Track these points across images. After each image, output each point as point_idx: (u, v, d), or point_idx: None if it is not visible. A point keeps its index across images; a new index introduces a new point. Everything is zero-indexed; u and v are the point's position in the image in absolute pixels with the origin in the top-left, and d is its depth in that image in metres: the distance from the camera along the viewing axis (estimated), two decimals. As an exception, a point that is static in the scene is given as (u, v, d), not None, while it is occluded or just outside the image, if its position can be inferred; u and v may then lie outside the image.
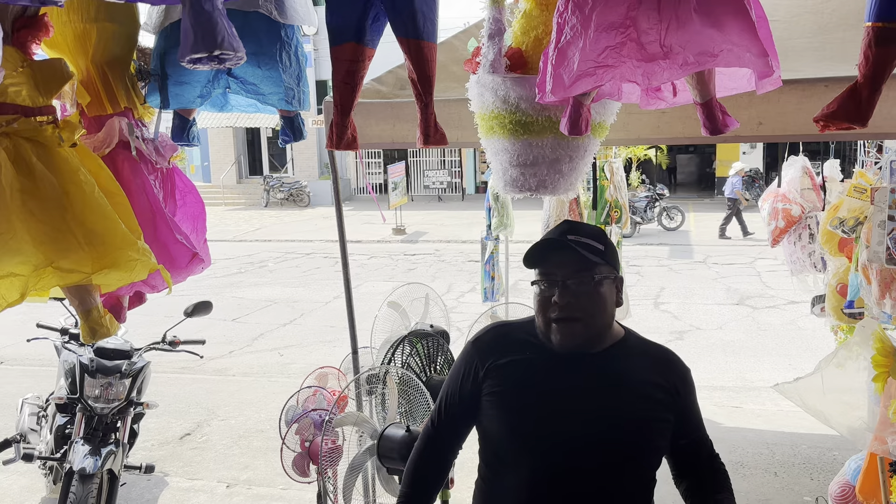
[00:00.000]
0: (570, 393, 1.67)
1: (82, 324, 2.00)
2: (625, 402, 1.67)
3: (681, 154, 25.05)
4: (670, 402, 1.72)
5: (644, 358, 1.77)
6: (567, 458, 1.64)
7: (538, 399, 1.67)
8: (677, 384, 1.75)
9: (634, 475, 1.70)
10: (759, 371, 6.86)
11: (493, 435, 1.74)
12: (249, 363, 7.71)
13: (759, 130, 2.76)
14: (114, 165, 2.12)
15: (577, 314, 1.66)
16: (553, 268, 1.70)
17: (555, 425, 1.65)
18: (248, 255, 14.87)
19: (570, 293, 1.66)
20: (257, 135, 25.46)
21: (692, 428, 1.81)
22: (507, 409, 1.70)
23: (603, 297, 1.70)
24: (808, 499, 4.25)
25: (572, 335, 1.67)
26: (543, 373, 1.70)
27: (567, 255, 1.68)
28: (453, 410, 1.82)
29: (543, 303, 1.70)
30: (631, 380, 1.70)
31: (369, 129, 3.24)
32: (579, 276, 1.67)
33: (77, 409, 3.76)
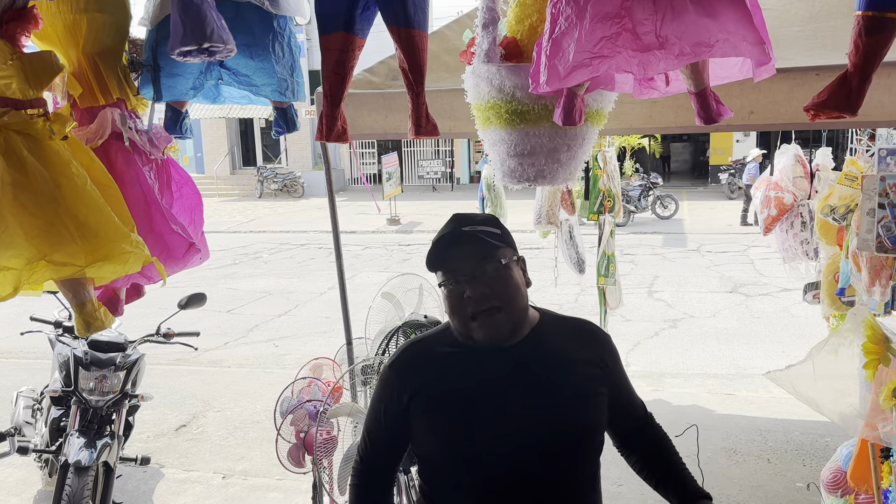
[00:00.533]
0: (503, 391, 1.61)
1: (77, 317, 1.99)
2: (560, 386, 1.63)
3: (675, 143, 25.07)
4: (601, 374, 1.70)
5: (566, 336, 1.73)
6: (513, 457, 1.58)
7: (472, 407, 1.60)
8: (604, 356, 1.73)
9: (582, 459, 1.66)
10: (752, 358, 6.90)
11: (433, 455, 1.68)
12: (244, 354, 7.71)
13: (751, 119, 2.77)
14: (107, 157, 2.11)
15: (496, 303, 1.60)
16: (457, 263, 1.62)
17: (495, 429, 1.59)
18: (242, 247, 14.84)
19: (483, 283, 1.60)
20: (250, 125, 25.37)
21: (626, 395, 1.81)
22: (443, 427, 1.62)
23: (515, 279, 1.65)
24: (801, 485, 4.29)
25: (496, 326, 1.61)
26: (470, 378, 1.63)
27: (468, 246, 1.62)
28: (382, 440, 1.74)
29: (456, 302, 1.62)
30: (560, 361, 1.66)
31: (361, 119, 3.24)
32: (486, 264, 1.61)
33: (72, 401, 3.76)
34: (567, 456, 1.62)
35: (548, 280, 9.71)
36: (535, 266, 10.92)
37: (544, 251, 11.81)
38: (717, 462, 4.61)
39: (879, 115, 2.58)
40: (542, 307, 1.80)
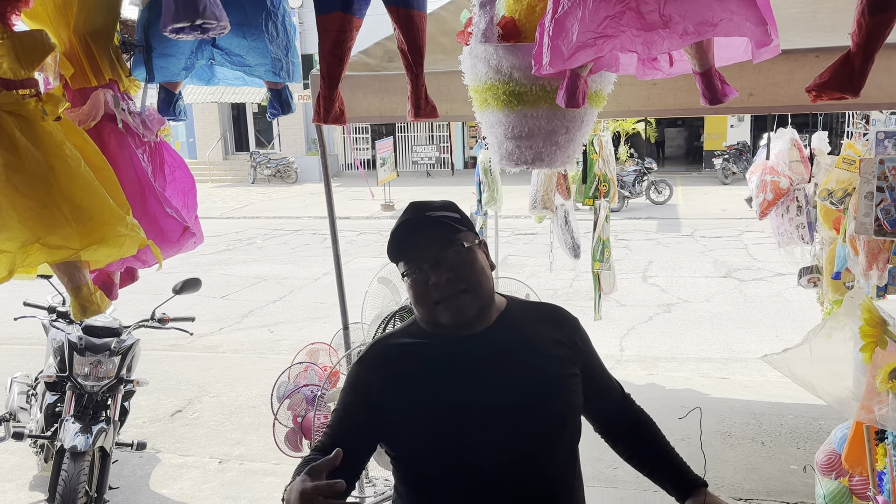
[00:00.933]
0: (476, 379, 1.57)
1: (72, 301, 1.97)
2: (533, 370, 1.60)
3: (669, 128, 25.04)
4: (573, 355, 1.67)
5: (535, 319, 1.71)
6: (491, 444, 1.54)
7: (446, 401, 1.56)
8: (573, 337, 1.71)
9: (561, 442, 1.62)
10: (745, 342, 6.93)
11: (408, 451, 1.61)
12: (239, 340, 7.70)
13: (750, 101, 2.75)
14: (100, 139, 2.08)
15: (462, 286, 1.57)
16: (420, 250, 1.58)
17: (472, 418, 1.54)
18: (235, 232, 14.79)
19: (447, 268, 1.56)
20: (243, 110, 25.20)
21: (600, 376, 1.79)
22: (417, 422, 1.57)
23: (480, 263, 1.62)
24: (795, 467, 4.32)
25: (462, 308, 1.57)
26: (442, 371, 1.59)
27: (429, 232, 1.59)
28: (348, 438, 1.61)
29: (421, 290, 1.58)
30: (532, 345, 1.64)
31: (357, 102, 3.20)
32: (449, 249, 1.58)
33: (67, 387, 3.75)
34: (546, 440, 1.59)
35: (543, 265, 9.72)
36: (530, 251, 11.01)
37: (539, 236, 11.82)
38: (712, 445, 4.63)
39: (879, 97, 2.56)
40: (509, 294, 1.78)
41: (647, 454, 1.80)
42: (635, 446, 1.83)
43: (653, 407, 1.91)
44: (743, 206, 14.41)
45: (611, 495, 4.02)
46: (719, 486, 4.13)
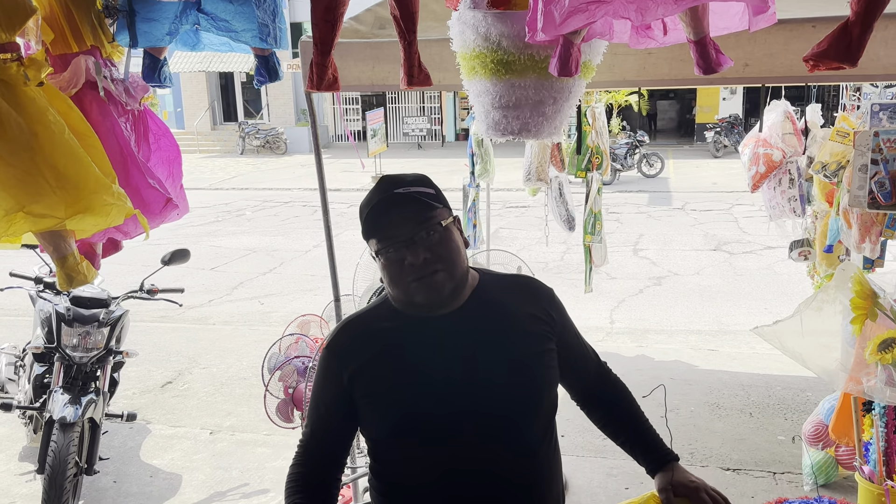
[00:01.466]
0: (450, 358, 1.54)
1: (58, 271, 1.94)
2: (508, 345, 1.58)
3: (661, 100, 24.96)
4: (549, 330, 1.65)
5: (509, 293, 1.67)
6: (469, 423, 1.53)
7: (421, 379, 1.54)
8: (548, 309, 1.68)
9: (538, 418, 1.61)
10: (735, 315, 6.97)
11: (384, 434, 1.60)
12: (229, 312, 7.68)
13: (746, 72, 2.72)
14: (81, 106, 2.02)
15: (438, 266, 1.53)
16: (394, 229, 1.52)
17: (447, 397, 1.53)
18: (224, 204, 14.70)
19: (423, 248, 1.51)
20: (231, 79, 24.92)
21: (576, 347, 1.77)
22: (392, 404, 1.55)
23: (455, 241, 1.57)
24: (783, 438, 4.36)
25: (436, 286, 1.53)
26: (415, 350, 1.57)
27: (405, 210, 1.53)
28: (326, 427, 1.64)
29: (396, 270, 1.53)
30: (506, 320, 1.61)
31: (348, 70, 3.14)
32: (426, 227, 1.53)
33: (55, 358, 3.73)
34: (523, 416, 1.57)
35: (535, 238, 9.73)
36: (522, 224, 11.00)
37: (530, 210, 11.81)
38: (700, 416, 4.68)
39: (875, 68, 2.53)
40: (481, 267, 1.74)
41: (621, 425, 1.80)
42: (609, 416, 1.82)
43: (642, 378, 1.91)
44: (734, 179, 14.44)
45: (600, 465, 4.05)
46: (707, 456, 4.17)
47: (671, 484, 1.62)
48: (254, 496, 3.94)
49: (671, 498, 1.59)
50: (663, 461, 1.69)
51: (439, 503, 1.57)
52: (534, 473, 1.60)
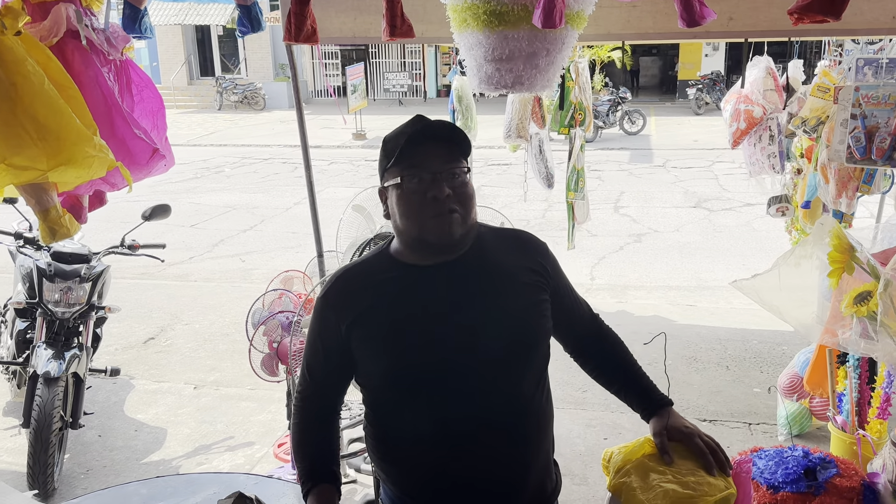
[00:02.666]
0: (448, 307, 1.56)
1: (41, 224, 1.92)
2: (505, 296, 1.60)
3: (644, 57, 24.82)
4: (543, 281, 1.67)
5: (505, 246, 1.69)
6: (465, 372, 1.55)
7: (416, 327, 1.55)
8: (542, 262, 1.70)
9: (532, 368, 1.63)
10: (713, 271, 7.07)
11: (382, 381, 1.61)
12: (211, 269, 7.65)
13: (730, 26, 2.73)
14: (63, 56, 1.98)
15: (457, 207, 1.53)
16: (425, 159, 1.52)
17: (445, 345, 1.55)
18: (203, 160, 14.51)
19: (448, 185, 1.52)
20: (207, 33, 24.36)
21: (569, 299, 1.79)
22: (390, 352, 1.56)
23: (473, 190, 1.59)
24: (758, 390, 4.47)
25: (452, 227, 1.52)
26: (411, 299, 1.57)
27: (439, 146, 1.54)
28: (323, 375, 1.67)
29: (416, 201, 1.52)
30: (502, 272, 1.63)
31: (329, 21, 3.10)
32: (453, 166, 1.54)
33: (37, 313, 3.71)
34: (518, 366, 1.60)
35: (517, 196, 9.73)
36: (503, 182, 10.99)
37: (512, 167, 11.79)
38: (679, 369, 4.77)
39: (859, 22, 2.55)
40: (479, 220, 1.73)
41: (615, 373, 1.83)
42: (604, 365, 1.85)
43: (622, 332, 1.93)
44: (715, 136, 14.47)
45: (580, 417, 4.14)
46: (685, 407, 4.26)
47: (666, 429, 1.65)
48: (239, 449, 3.98)
49: (665, 442, 1.62)
50: (658, 406, 1.72)
51: (432, 450, 1.59)
52: (527, 422, 1.63)
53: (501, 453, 1.59)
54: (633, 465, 1.60)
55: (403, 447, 1.64)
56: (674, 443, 1.62)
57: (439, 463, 1.59)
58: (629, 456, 1.62)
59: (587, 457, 3.75)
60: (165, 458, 3.92)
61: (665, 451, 1.60)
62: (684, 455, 1.60)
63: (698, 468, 1.56)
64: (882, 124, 2.74)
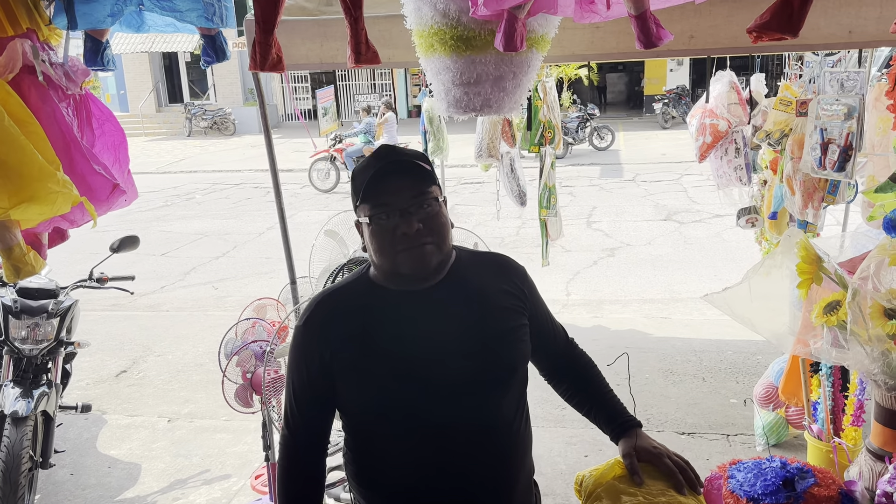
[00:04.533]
0: (428, 333, 1.56)
1: (4, 262, 1.88)
2: (484, 321, 1.60)
3: (610, 73, 25.16)
4: (521, 305, 1.68)
5: (483, 270, 1.69)
6: (445, 398, 1.54)
7: (397, 354, 1.55)
8: (520, 285, 1.71)
9: (512, 393, 1.64)
10: (686, 283, 7.13)
11: (363, 408, 1.60)
12: (183, 298, 7.56)
13: (691, 44, 2.76)
14: (19, 92, 1.93)
15: (429, 239, 1.53)
16: (391, 196, 1.52)
17: (425, 372, 1.54)
18: (173, 188, 14.38)
19: (417, 219, 1.52)
20: (175, 59, 24.25)
21: (547, 324, 1.81)
22: (372, 379, 1.55)
23: (446, 218, 1.59)
24: (735, 401, 4.50)
25: (425, 258, 1.54)
26: (392, 325, 1.57)
27: (404, 178, 1.53)
28: (311, 406, 1.63)
29: (387, 237, 1.53)
30: (482, 297, 1.63)
31: (295, 48, 3.09)
32: (422, 199, 1.53)
33: (3, 351, 3.62)
34: (497, 391, 1.60)
35: (490, 214, 9.77)
36: (476, 200, 11.03)
37: (484, 185, 11.84)
38: (655, 383, 4.79)
39: (815, 37, 2.60)
40: (457, 244, 1.74)
41: (586, 396, 1.84)
42: (575, 388, 1.86)
43: (598, 348, 1.95)
44: (682, 149, 14.68)
45: (560, 434, 4.13)
46: (662, 421, 4.28)
47: (634, 449, 1.66)
48: (216, 482, 3.91)
49: (635, 463, 1.63)
50: (626, 427, 1.73)
51: (412, 475, 1.59)
52: (507, 446, 1.63)
53: (482, 477, 1.59)
54: (603, 488, 1.60)
55: (383, 473, 1.63)
56: (643, 463, 1.63)
57: (420, 489, 1.59)
58: (600, 479, 1.62)
59: (568, 475, 3.74)
60: (140, 495, 3.83)
61: (635, 472, 1.61)
62: (654, 475, 1.61)
63: (668, 488, 1.57)
64: (836, 136, 2.80)
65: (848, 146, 2.76)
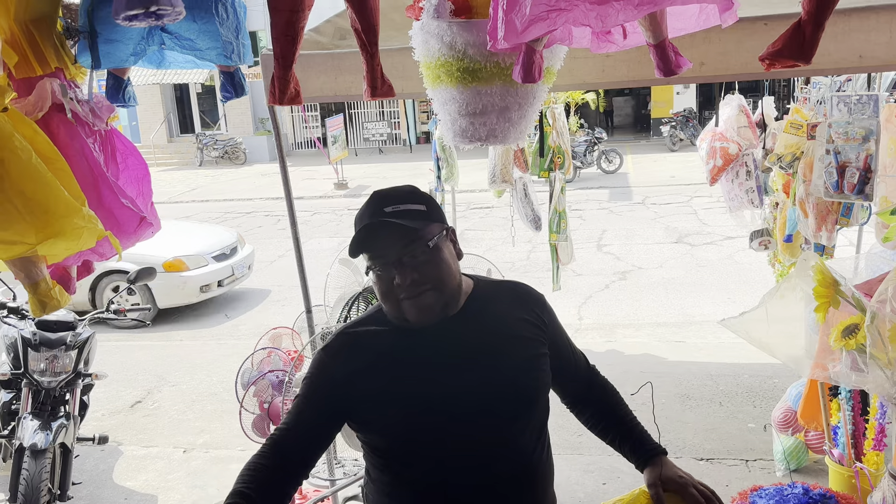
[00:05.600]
0: (449, 364, 1.57)
1: (31, 297, 1.91)
2: (504, 350, 1.61)
3: (617, 97, 25.27)
4: (541, 333, 1.69)
5: (502, 299, 1.71)
6: (467, 428, 1.54)
7: (418, 386, 1.55)
8: (540, 314, 1.72)
9: (533, 423, 1.64)
10: (699, 306, 7.10)
11: (385, 443, 1.60)
12: (196, 326, 7.58)
13: (702, 71, 2.79)
14: (49, 130, 1.99)
15: (426, 287, 1.54)
16: (382, 249, 1.54)
17: (447, 403, 1.54)
18: (185, 217, 14.47)
19: (411, 269, 1.53)
20: (186, 91, 24.55)
21: (567, 351, 1.81)
22: (390, 411, 1.56)
23: (444, 259, 1.58)
24: (753, 425, 4.46)
25: (428, 307, 1.55)
26: (412, 356, 1.58)
27: (391, 232, 1.53)
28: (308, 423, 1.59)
29: (387, 286, 1.55)
30: (500, 326, 1.64)
31: (310, 81, 3.15)
32: (412, 249, 1.53)
33: (22, 384, 3.66)
34: (518, 421, 1.60)
35: (501, 239, 9.79)
36: (487, 225, 11.05)
37: (494, 210, 11.87)
38: (672, 408, 4.76)
39: (827, 62, 2.62)
40: (474, 274, 1.77)
41: (610, 424, 1.84)
42: (598, 416, 1.86)
43: (613, 373, 1.95)
44: (691, 171, 14.69)
45: (577, 462, 4.11)
46: (680, 447, 4.25)
47: (660, 479, 1.65)
48: (233, 513, 3.90)
49: (661, 494, 1.62)
50: (651, 455, 1.73)
51: None
52: (529, 478, 1.63)
53: None
54: (629, 518, 1.59)
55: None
56: (669, 493, 1.63)
57: None
58: (625, 509, 1.62)
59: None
60: (157, 527, 3.83)
61: (661, 503, 1.61)
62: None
63: None
64: (853, 159, 2.81)
65: (866, 168, 2.77)
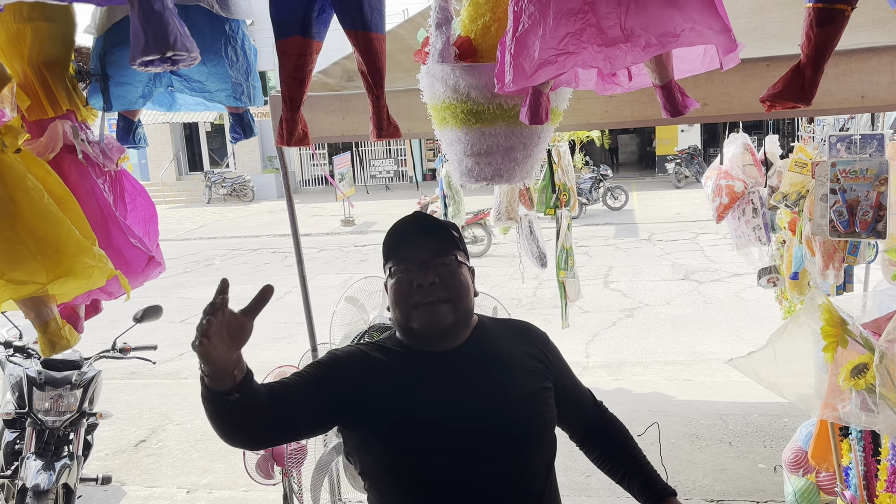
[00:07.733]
0: (452, 396, 1.56)
1: (40, 337, 1.92)
2: (507, 385, 1.61)
3: (622, 134, 25.47)
4: (545, 369, 1.70)
5: (506, 335, 1.73)
6: (468, 462, 1.53)
7: (421, 417, 1.54)
8: (543, 350, 1.74)
9: (538, 458, 1.63)
10: (707, 343, 7.05)
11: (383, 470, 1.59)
12: (202, 364, 7.55)
13: (705, 111, 2.82)
14: (60, 170, 2.03)
15: (443, 294, 1.57)
16: (413, 251, 1.60)
17: (449, 437, 1.53)
18: (192, 254, 14.55)
19: (433, 273, 1.57)
20: (195, 130, 24.88)
21: (572, 388, 1.81)
22: (389, 440, 1.54)
23: (465, 280, 1.63)
24: (763, 466, 4.40)
25: (438, 316, 1.56)
26: (417, 386, 1.58)
27: (428, 237, 1.63)
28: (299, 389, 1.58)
29: (403, 290, 1.58)
30: (505, 360, 1.66)
31: (318, 122, 3.20)
32: (442, 257, 1.60)
33: (26, 423, 3.63)
34: (523, 457, 1.59)
35: (507, 275, 9.79)
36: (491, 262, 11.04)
37: (498, 247, 11.90)
38: (681, 448, 4.70)
39: (829, 103, 2.65)
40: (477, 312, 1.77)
41: (620, 462, 1.83)
42: (608, 454, 1.86)
43: (621, 412, 1.94)
44: (697, 208, 14.73)
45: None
46: (690, 488, 4.18)
47: None
48: (236, 555, 3.85)
49: None
50: (661, 496, 1.73)
51: None
52: None
53: None
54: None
55: None
56: None
57: None
58: (636, 551, 1.59)
59: (595, 545, 3.65)
60: (159, 569, 3.78)
61: None
62: None
63: None
64: (863, 198, 2.82)
65: (878, 206, 2.79)
